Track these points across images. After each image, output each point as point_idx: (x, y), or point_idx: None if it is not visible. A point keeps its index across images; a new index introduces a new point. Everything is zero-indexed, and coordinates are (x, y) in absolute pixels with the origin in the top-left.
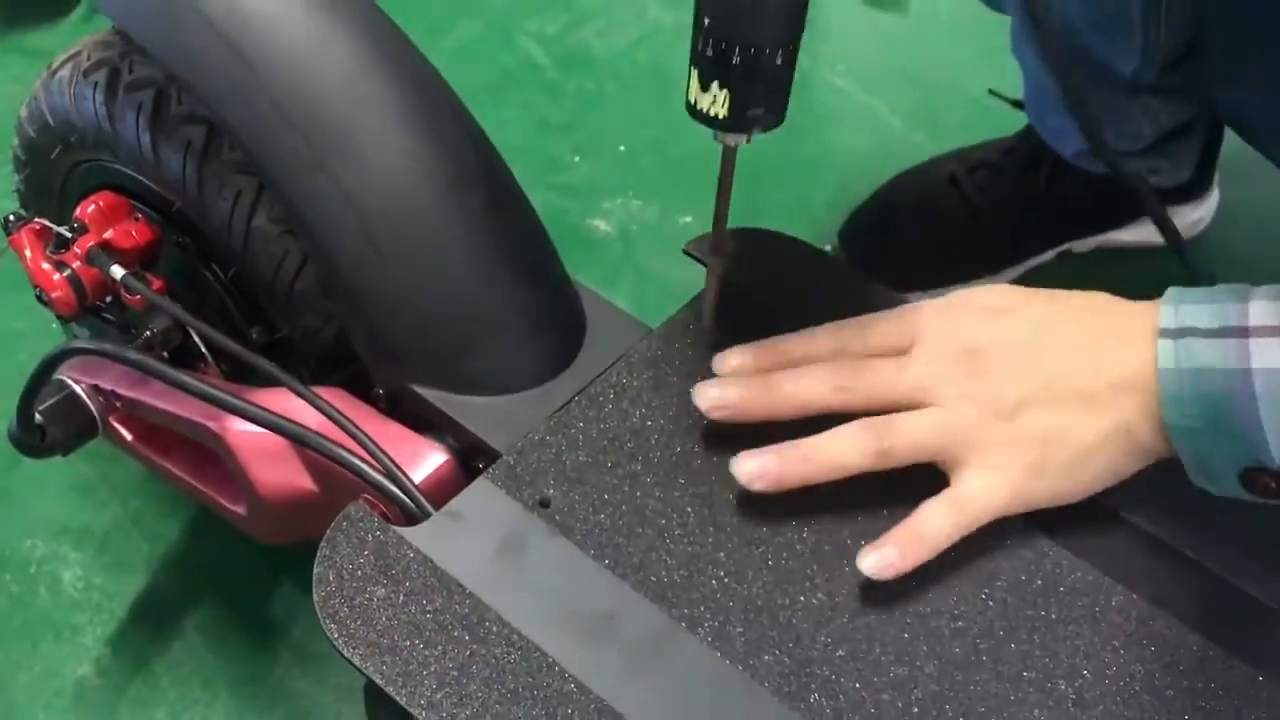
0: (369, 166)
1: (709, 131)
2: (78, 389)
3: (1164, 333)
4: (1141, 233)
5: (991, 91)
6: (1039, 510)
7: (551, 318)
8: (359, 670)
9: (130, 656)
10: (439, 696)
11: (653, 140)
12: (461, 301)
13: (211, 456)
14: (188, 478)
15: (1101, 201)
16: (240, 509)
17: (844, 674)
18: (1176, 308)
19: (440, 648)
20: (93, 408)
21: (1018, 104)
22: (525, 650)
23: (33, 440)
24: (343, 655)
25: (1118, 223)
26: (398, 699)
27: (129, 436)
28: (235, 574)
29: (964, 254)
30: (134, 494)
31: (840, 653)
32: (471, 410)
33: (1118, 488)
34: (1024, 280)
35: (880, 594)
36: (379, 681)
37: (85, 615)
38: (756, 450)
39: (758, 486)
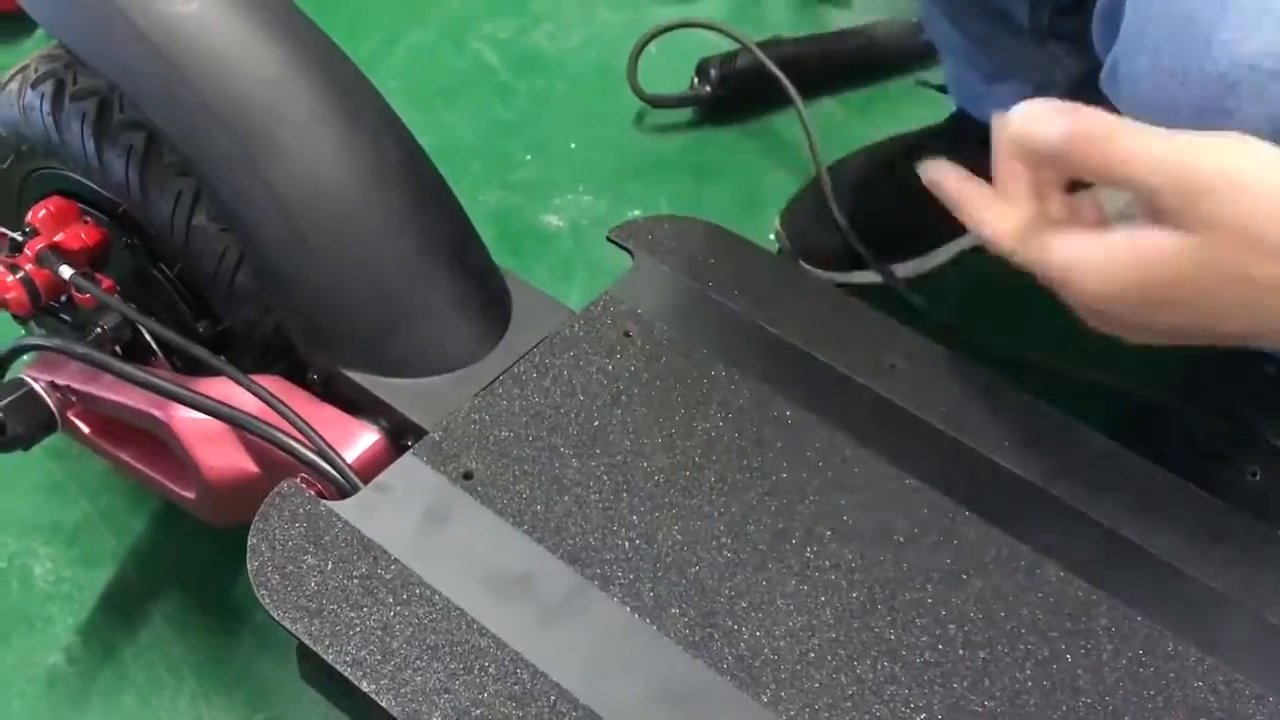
0: (292, 161)
1: (655, 128)
2: (36, 386)
3: None
4: None
5: (919, 82)
6: (940, 472)
7: (476, 301)
8: (289, 633)
9: (100, 645)
10: (363, 654)
11: (602, 137)
12: (386, 288)
13: (163, 447)
14: (142, 467)
15: None
16: (190, 494)
17: (745, 624)
18: None
19: (365, 609)
20: (51, 404)
21: (942, 89)
22: (445, 610)
23: None
24: (274, 619)
25: None
26: (325, 657)
27: (86, 430)
28: (199, 565)
29: (898, 233)
30: (102, 491)
31: (743, 604)
32: (399, 391)
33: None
34: (962, 259)
35: (782, 550)
36: (307, 642)
37: (56, 606)
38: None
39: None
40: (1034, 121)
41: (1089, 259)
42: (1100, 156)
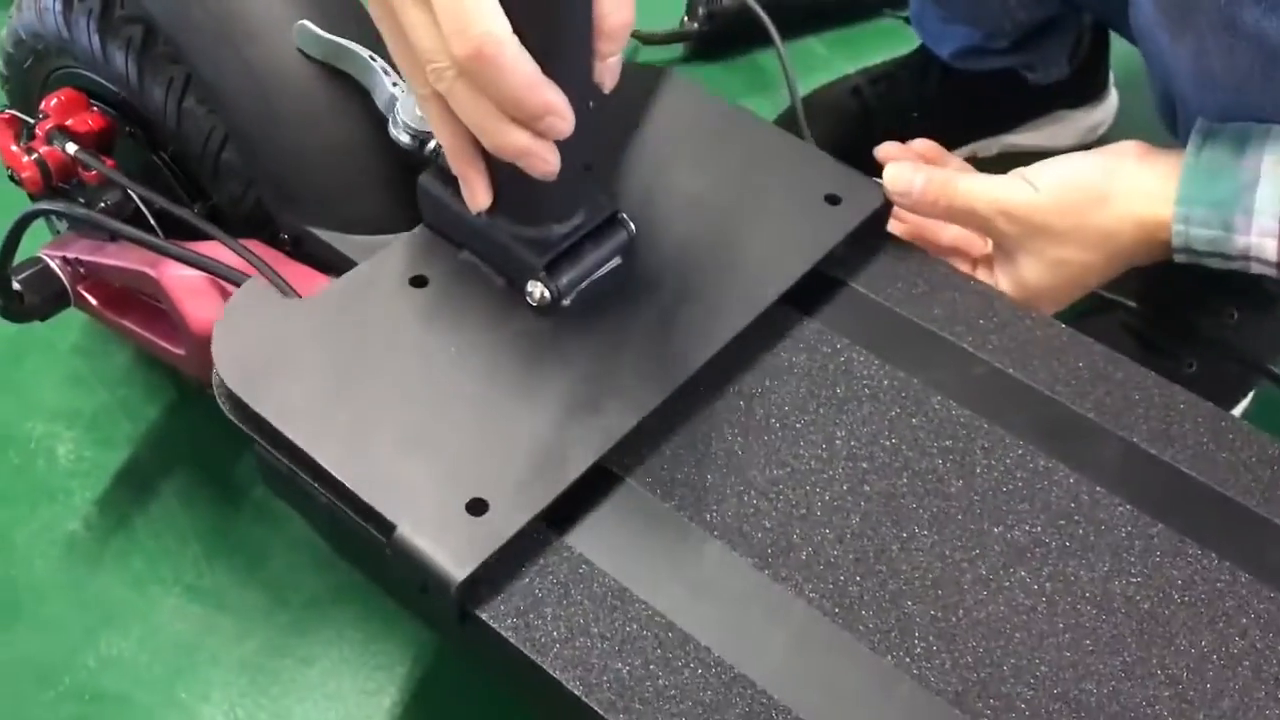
0: (259, 33)
1: (645, 62)
2: (51, 262)
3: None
4: (1042, 136)
5: (886, 11)
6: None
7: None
8: (250, 420)
9: (114, 515)
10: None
11: None
12: (348, 152)
13: (159, 314)
14: (142, 331)
15: (989, 105)
16: (181, 350)
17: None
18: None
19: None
20: (63, 278)
21: (908, 20)
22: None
23: (11, 305)
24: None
25: (1010, 126)
26: (284, 432)
27: (95, 302)
28: (206, 447)
29: (866, 157)
30: (120, 383)
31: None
32: (362, 247)
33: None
34: None
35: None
36: (265, 417)
37: (76, 482)
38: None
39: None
40: (896, 182)
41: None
42: (945, 200)
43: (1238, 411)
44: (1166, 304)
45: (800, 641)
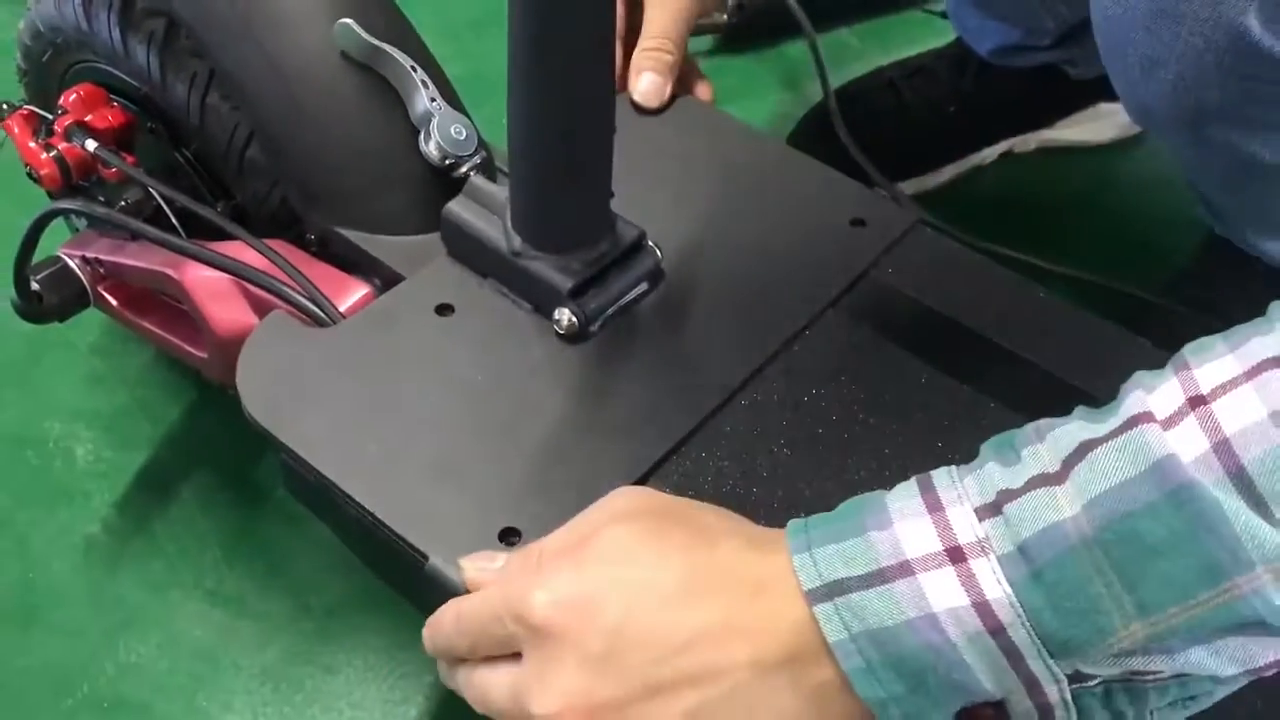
0: (285, 29)
1: None
2: (70, 261)
3: (812, 595)
4: (1081, 131)
5: (925, 9)
6: None
7: None
8: (273, 440)
9: (133, 517)
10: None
11: None
12: (374, 150)
13: (181, 315)
14: (163, 333)
15: (1028, 100)
16: (203, 353)
17: None
18: (813, 556)
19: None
20: (83, 278)
21: (945, 15)
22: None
23: (30, 306)
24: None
25: (1048, 121)
26: (306, 458)
27: (115, 302)
28: (226, 448)
29: (900, 151)
30: (139, 383)
31: None
32: (387, 247)
33: None
34: (966, 179)
35: None
36: (288, 444)
37: (95, 483)
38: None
39: None
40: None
41: None
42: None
43: None
44: (1216, 304)
45: None
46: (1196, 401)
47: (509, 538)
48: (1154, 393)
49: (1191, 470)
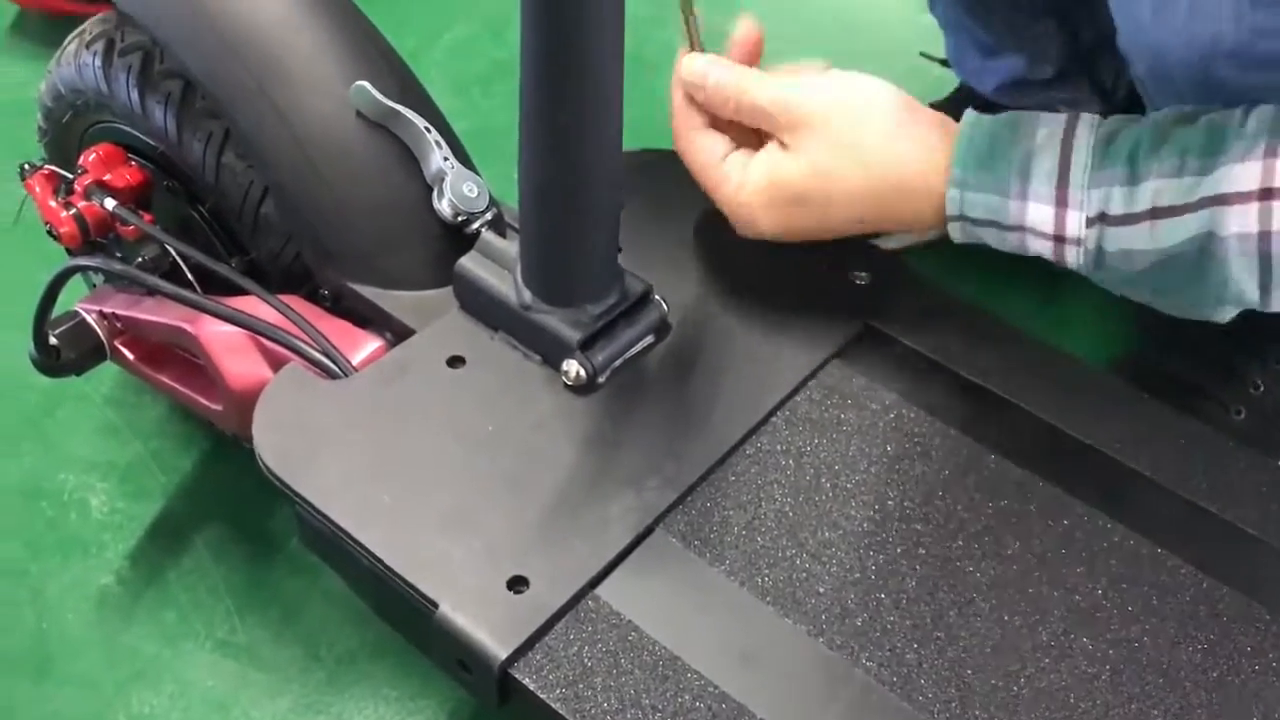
0: (299, 89)
1: None
2: (87, 317)
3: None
4: None
5: (923, 54)
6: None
7: None
8: (288, 491)
9: (147, 568)
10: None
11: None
12: (387, 208)
13: (196, 369)
14: (178, 386)
15: None
16: (218, 405)
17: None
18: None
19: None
20: (100, 332)
21: (945, 62)
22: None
23: (48, 360)
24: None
25: None
26: (321, 509)
27: (131, 356)
28: (239, 500)
29: None
30: (153, 435)
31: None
32: (399, 302)
33: None
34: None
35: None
36: (303, 494)
37: (109, 535)
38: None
39: None
40: (689, 74)
41: (741, 171)
42: (735, 98)
43: None
44: (1214, 351)
45: (857, 712)
46: (1266, 194)
47: (517, 586)
48: (1241, 165)
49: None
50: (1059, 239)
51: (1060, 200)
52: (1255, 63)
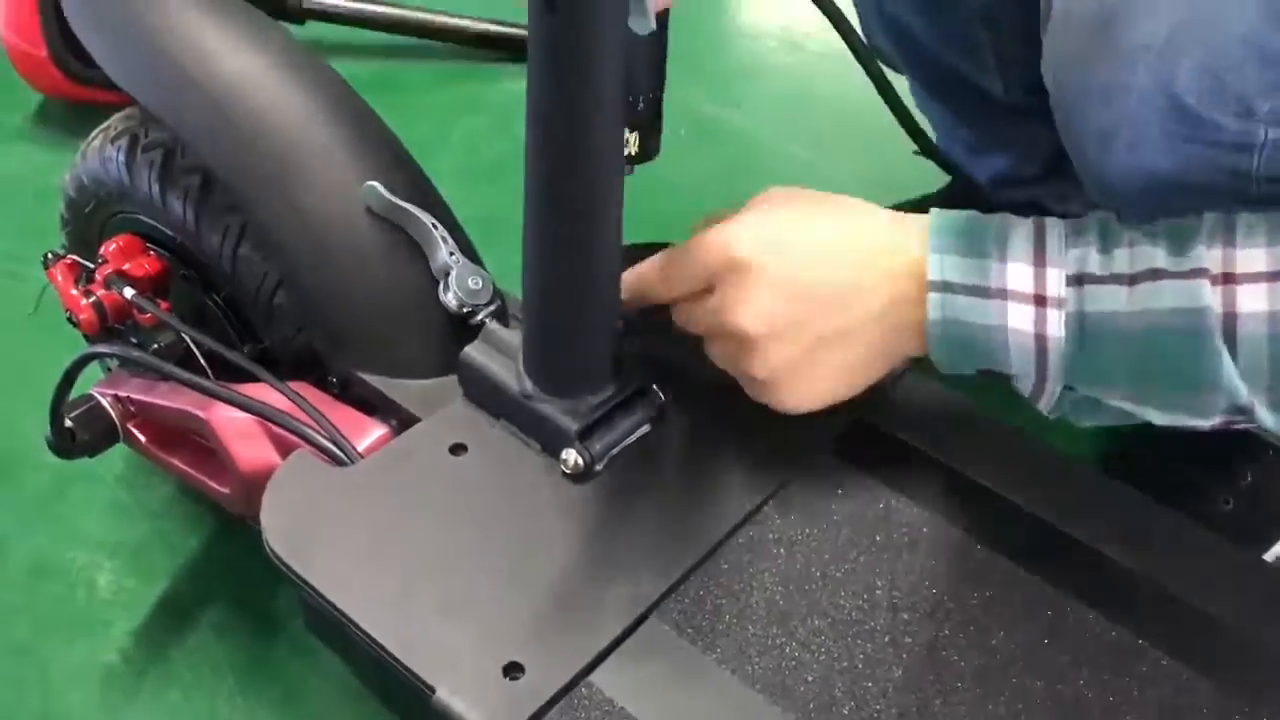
0: (316, 187)
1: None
2: (103, 400)
3: (931, 284)
4: None
5: (916, 152)
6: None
7: None
8: (293, 576)
9: (151, 647)
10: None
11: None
12: (395, 300)
13: (206, 453)
14: (188, 469)
15: None
16: (227, 488)
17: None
18: (942, 261)
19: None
20: (113, 415)
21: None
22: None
23: (64, 443)
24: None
25: None
26: (324, 595)
27: (143, 439)
28: (244, 580)
29: None
30: (162, 515)
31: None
32: (406, 390)
33: None
34: None
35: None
36: (307, 579)
37: (115, 613)
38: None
39: None
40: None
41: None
42: (665, 277)
43: (1277, 549)
44: (1201, 442)
45: None
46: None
47: (513, 673)
48: (1210, 250)
49: (1213, 321)
50: (1039, 300)
51: (1039, 260)
52: (1196, 190)
